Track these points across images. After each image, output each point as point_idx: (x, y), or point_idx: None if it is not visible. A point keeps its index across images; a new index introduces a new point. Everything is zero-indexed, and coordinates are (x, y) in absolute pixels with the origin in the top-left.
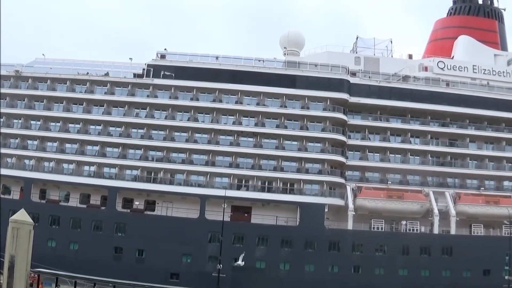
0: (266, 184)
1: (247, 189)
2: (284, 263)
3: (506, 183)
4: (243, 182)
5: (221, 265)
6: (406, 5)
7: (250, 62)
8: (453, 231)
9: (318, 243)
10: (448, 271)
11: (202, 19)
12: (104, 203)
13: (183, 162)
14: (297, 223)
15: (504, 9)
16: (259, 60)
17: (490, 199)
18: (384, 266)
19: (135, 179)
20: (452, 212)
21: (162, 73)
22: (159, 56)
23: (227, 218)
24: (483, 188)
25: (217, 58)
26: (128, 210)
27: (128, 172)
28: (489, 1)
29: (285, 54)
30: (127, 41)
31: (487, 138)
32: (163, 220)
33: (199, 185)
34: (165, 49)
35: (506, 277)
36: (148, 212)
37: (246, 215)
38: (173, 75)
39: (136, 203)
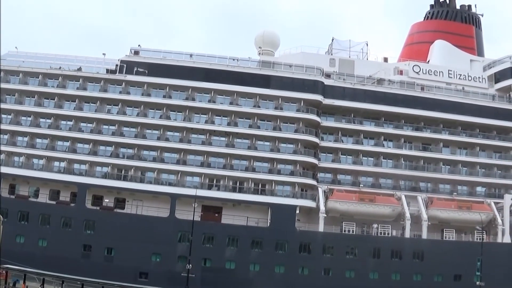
0: (238, 184)
1: (218, 189)
2: (254, 264)
3: (479, 188)
4: (214, 181)
5: (190, 265)
6: (384, 8)
7: (224, 61)
8: (424, 235)
9: (289, 244)
10: (419, 276)
11: (177, 16)
12: (74, 199)
13: (154, 160)
14: (268, 224)
15: (482, 15)
16: (234, 59)
17: (463, 204)
18: (355, 269)
19: (105, 176)
20: (424, 216)
21: (135, 69)
22: (133, 52)
23: (197, 218)
24: (455, 193)
25: (191, 56)
26: (98, 208)
27: (98, 169)
28: (466, 7)
29: (259, 54)
30: (101, 37)
31: (461, 143)
32: (133, 218)
33: (170, 184)
34: (139, 46)
35: (478, 283)
36: (118, 210)
37: (216, 215)
38: (146, 71)
39: (106, 200)
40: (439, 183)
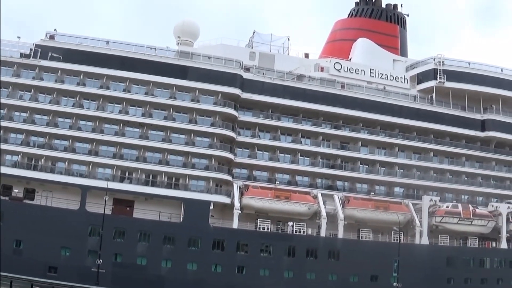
0: (151, 177)
1: (130, 182)
2: (166, 260)
3: (397, 189)
4: (127, 174)
5: (100, 260)
6: (310, 2)
7: (141, 50)
8: (340, 234)
9: (202, 241)
10: (334, 275)
11: (96, 1)
12: None
13: (65, 150)
14: (181, 220)
15: (408, 15)
16: (151, 48)
17: (380, 204)
18: (269, 268)
19: (15, 165)
20: (340, 215)
21: (49, 54)
22: (48, 36)
23: (108, 211)
24: (373, 193)
25: (107, 42)
26: (7, 198)
27: (8, 157)
28: (392, 6)
29: (178, 43)
30: (16, 19)
31: (380, 143)
32: (42, 210)
33: (81, 175)
34: (55, 30)
35: (394, 284)
36: (27, 201)
37: (128, 209)
38: (61, 57)
39: (15, 190)
40: (357, 182)
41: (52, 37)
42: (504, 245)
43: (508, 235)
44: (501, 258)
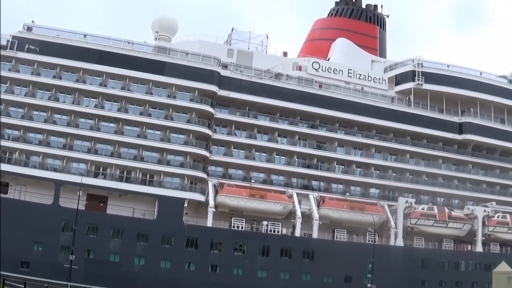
0: (125, 173)
1: (105, 178)
2: (139, 257)
3: (372, 190)
4: (101, 169)
5: (73, 256)
6: (288, 1)
7: (119, 44)
8: (315, 235)
9: (176, 239)
10: (308, 275)
11: None
12: None
13: (40, 143)
14: (155, 217)
15: (388, 16)
16: (129, 43)
17: (355, 205)
18: (243, 267)
19: None
20: (315, 215)
21: (26, 46)
22: (26, 28)
23: (82, 207)
24: (348, 194)
25: (85, 36)
26: None
27: None
28: (372, 7)
29: (156, 39)
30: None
31: (356, 143)
32: (15, 204)
33: (55, 170)
34: (32, 22)
35: (369, 285)
36: (1, 195)
37: (102, 204)
38: (38, 49)
39: None
40: (332, 182)
41: (29, 29)
42: (479, 248)
43: (483, 238)
44: (476, 261)
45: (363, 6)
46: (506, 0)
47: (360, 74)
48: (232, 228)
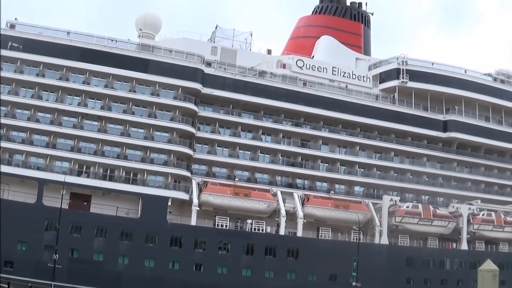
0: (108, 172)
1: (88, 176)
2: (123, 256)
3: (357, 188)
4: (84, 168)
5: (57, 255)
6: None
7: (102, 41)
8: (300, 233)
9: (159, 238)
10: (293, 274)
11: None
12: None
13: (23, 142)
14: (138, 216)
15: (372, 14)
16: (112, 40)
17: (340, 203)
18: (227, 266)
19: None
20: (300, 213)
21: (9, 44)
22: (9, 25)
23: (65, 206)
24: (333, 192)
25: (68, 33)
26: None
27: None
28: (357, 4)
29: (140, 36)
30: None
31: (341, 141)
32: None
33: (38, 168)
34: (15, 19)
35: (354, 284)
36: None
37: (85, 203)
38: (21, 47)
39: None
40: (317, 180)
41: (12, 26)
42: (464, 246)
43: (468, 236)
44: (461, 259)
45: (348, 3)
46: None
47: (345, 72)
48: (216, 226)
